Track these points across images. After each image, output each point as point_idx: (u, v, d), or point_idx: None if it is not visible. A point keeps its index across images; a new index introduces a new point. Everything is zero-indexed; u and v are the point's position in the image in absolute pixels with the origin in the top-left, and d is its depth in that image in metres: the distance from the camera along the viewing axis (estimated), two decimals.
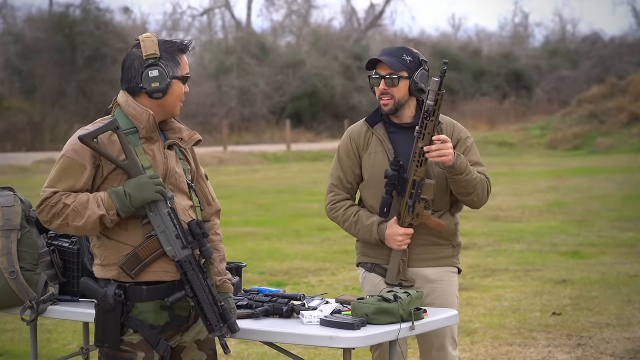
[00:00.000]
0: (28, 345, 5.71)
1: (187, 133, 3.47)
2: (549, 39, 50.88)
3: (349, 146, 4.13)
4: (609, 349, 6.41)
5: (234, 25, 46.91)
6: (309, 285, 8.89)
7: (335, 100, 38.95)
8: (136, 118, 3.34)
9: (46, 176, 3.44)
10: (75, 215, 3.24)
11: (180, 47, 3.40)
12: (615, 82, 34.12)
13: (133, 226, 3.31)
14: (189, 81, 3.45)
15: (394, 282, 4.01)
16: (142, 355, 3.32)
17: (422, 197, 3.92)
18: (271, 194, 18.84)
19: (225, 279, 3.52)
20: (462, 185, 3.94)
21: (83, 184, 3.28)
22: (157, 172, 3.33)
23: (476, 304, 7.88)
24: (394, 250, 3.99)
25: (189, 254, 3.30)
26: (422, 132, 3.87)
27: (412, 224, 3.96)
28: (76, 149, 3.28)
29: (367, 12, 49.91)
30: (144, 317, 3.32)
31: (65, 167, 3.29)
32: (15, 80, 34.44)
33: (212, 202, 3.57)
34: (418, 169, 3.91)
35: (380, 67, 4.01)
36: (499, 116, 37.56)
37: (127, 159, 3.28)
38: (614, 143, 30.53)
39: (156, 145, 3.37)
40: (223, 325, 3.33)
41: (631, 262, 10.05)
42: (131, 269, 3.28)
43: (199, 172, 3.55)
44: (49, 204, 3.25)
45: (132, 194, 3.24)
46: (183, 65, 3.40)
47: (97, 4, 36.85)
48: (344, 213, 4.09)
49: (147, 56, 3.33)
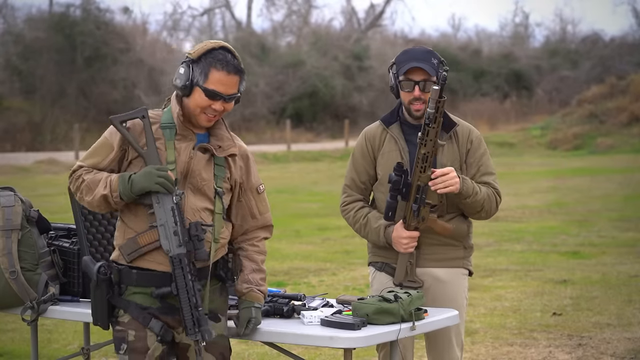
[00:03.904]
0: (28, 345, 5.71)
1: (228, 143, 3.53)
2: (549, 39, 50.86)
3: (364, 146, 4.12)
4: (610, 348, 6.40)
5: (234, 25, 46.94)
6: (309, 285, 8.89)
7: (335, 100, 38.96)
8: (173, 113, 3.46)
9: (46, 176, 3.51)
10: (87, 190, 3.41)
11: (220, 63, 3.38)
12: (615, 82, 34.12)
13: (141, 213, 3.41)
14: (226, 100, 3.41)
15: (400, 282, 4.01)
16: (133, 333, 3.40)
17: (426, 202, 3.93)
18: (271, 193, 18.75)
19: (252, 288, 3.53)
20: (470, 205, 3.97)
21: (107, 163, 3.44)
22: (178, 168, 3.41)
23: (476, 304, 7.88)
24: (401, 252, 4.00)
25: (183, 252, 3.34)
26: (424, 139, 3.88)
27: (417, 227, 3.96)
28: (112, 130, 3.46)
29: (367, 12, 49.94)
30: (132, 298, 3.41)
31: (98, 145, 3.49)
32: (15, 80, 34.42)
33: (258, 216, 3.60)
34: (421, 175, 3.91)
35: (413, 72, 3.96)
36: (499, 116, 37.55)
37: (147, 147, 3.38)
38: (614, 143, 30.52)
39: (186, 144, 3.45)
40: (197, 330, 3.34)
41: (631, 262, 10.05)
42: (128, 252, 3.39)
43: (250, 184, 3.58)
44: (74, 177, 3.47)
45: (134, 180, 3.35)
46: (212, 80, 3.38)
47: (97, 4, 36.87)
48: (354, 215, 4.10)
49: (187, 54, 3.44)
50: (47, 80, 33.99)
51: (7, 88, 33.85)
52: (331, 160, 29.03)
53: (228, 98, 3.41)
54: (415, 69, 3.95)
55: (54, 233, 4.18)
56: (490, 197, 4.01)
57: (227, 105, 3.43)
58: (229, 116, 3.79)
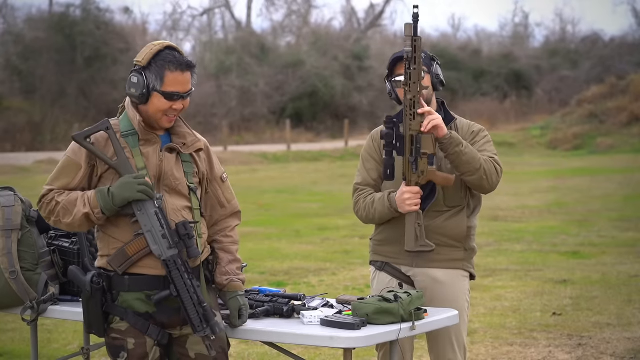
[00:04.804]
0: (28, 345, 5.71)
1: (192, 139, 3.54)
2: (549, 39, 50.87)
3: (372, 147, 4.09)
4: (610, 348, 6.40)
5: (234, 25, 46.95)
6: (309, 285, 8.89)
7: (335, 100, 38.95)
8: (132, 120, 3.45)
9: (46, 176, 3.50)
10: (65, 212, 3.39)
11: (173, 63, 3.39)
12: (615, 82, 34.11)
13: (122, 223, 3.41)
14: (184, 98, 3.43)
15: (413, 248, 3.91)
16: (132, 341, 3.40)
17: (422, 152, 3.85)
18: (271, 193, 18.83)
19: (231, 278, 3.57)
20: (464, 160, 3.85)
21: (77, 182, 3.42)
22: (151, 173, 3.42)
23: (476, 304, 7.88)
24: (407, 215, 3.90)
25: (175, 253, 3.36)
26: (407, 83, 3.82)
27: (418, 182, 3.87)
28: (74, 148, 3.43)
29: (367, 12, 49.95)
30: (128, 305, 3.41)
31: (63, 165, 3.45)
32: (15, 80, 34.44)
33: (226, 204, 3.63)
34: (412, 123, 3.84)
35: (400, 68, 3.95)
36: (499, 116, 37.55)
37: (117, 158, 3.38)
38: (614, 143, 30.52)
39: (152, 147, 3.46)
40: (206, 326, 3.36)
41: (631, 262, 10.04)
42: (118, 264, 3.38)
43: (213, 174, 3.61)
44: (45, 201, 3.43)
45: (114, 193, 3.34)
46: (168, 82, 3.40)
47: (97, 4, 36.88)
48: (363, 201, 4.03)
49: (135, 62, 3.43)
50: (47, 80, 33.99)
51: (7, 88, 33.87)
52: (331, 160, 29.03)
53: (186, 95, 3.44)
54: (401, 63, 3.94)
55: (54, 233, 4.18)
56: (488, 161, 3.93)
57: (185, 102, 3.46)
58: (230, 116, 3.79)
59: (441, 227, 4.00)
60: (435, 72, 4.00)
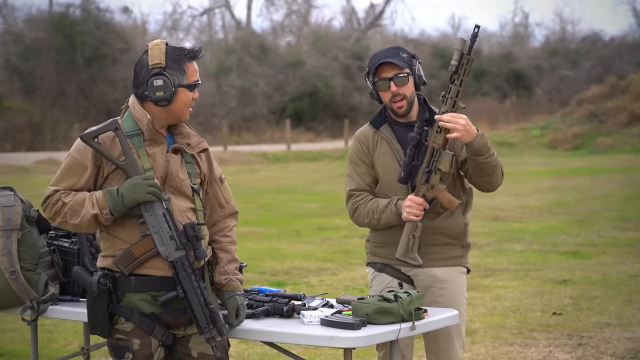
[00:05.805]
0: (28, 345, 5.71)
1: (196, 139, 3.54)
2: (549, 38, 50.86)
3: (360, 149, 4.08)
4: (610, 348, 6.40)
5: (233, 25, 46.95)
6: (309, 285, 8.89)
7: (335, 100, 38.95)
8: (139, 120, 3.43)
9: (46, 176, 3.50)
10: (72, 213, 3.36)
11: (189, 54, 3.43)
12: (615, 82, 34.08)
13: (129, 224, 3.40)
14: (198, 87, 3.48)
15: (401, 257, 3.94)
16: (138, 341, 3.40)
17: (437, 168, 3.87)
18: (271, 193, 18.84)
19: (230, 278, 3.57)
20: (485, 166, 3.89)
21: (84, 183, 3.39)
22: (157, 174, 3.40)
23: (476, 304, 7.88)
24: (406, 223, 3.92)
25: (182, 255, 3.35)
26: (445, 96, 3.86)
27: (425, 195, 3.90)
28: (79, 148, 3.41)
29: (367, 12, 49.95)
30: (133, 306, 3.40)
31: (68, 166, 3.41)
32: (15, 80, 34.44)
33: (225, 205, 3.64)
34: (437, 135, 3.87)
35: (383, 70, 3.96)
36: (499, 116, 37.54)
37: (125, 159, 3.36)
38: (614, 143, 30.50)
39: (159, 148, 3.45)
40: (212, 327, 3.37)
41: (631, 262, 10.05)
42: (125, 265, 3.37)
43: (213, 175, 3.60)
44: (50, 202, 3.39)
45: (124, 194, 3.32)
46: (190, 73, 3.43)
47: (97, 4, 36.89)
48: (364, 206, 4.02)
49: (152, 65, 3.39)
50: (47, 80, 33.99)
51: (7, 88, 33.87)
52: (331, 160, 29.03)
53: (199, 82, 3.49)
54: (385, 66, 3.95)
55: (54, 233, 4.18)
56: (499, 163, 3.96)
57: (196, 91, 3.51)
58: (230, 116, 3.81)
59: (441, 227, 4.03)
60: (417, 73, 3.99)
